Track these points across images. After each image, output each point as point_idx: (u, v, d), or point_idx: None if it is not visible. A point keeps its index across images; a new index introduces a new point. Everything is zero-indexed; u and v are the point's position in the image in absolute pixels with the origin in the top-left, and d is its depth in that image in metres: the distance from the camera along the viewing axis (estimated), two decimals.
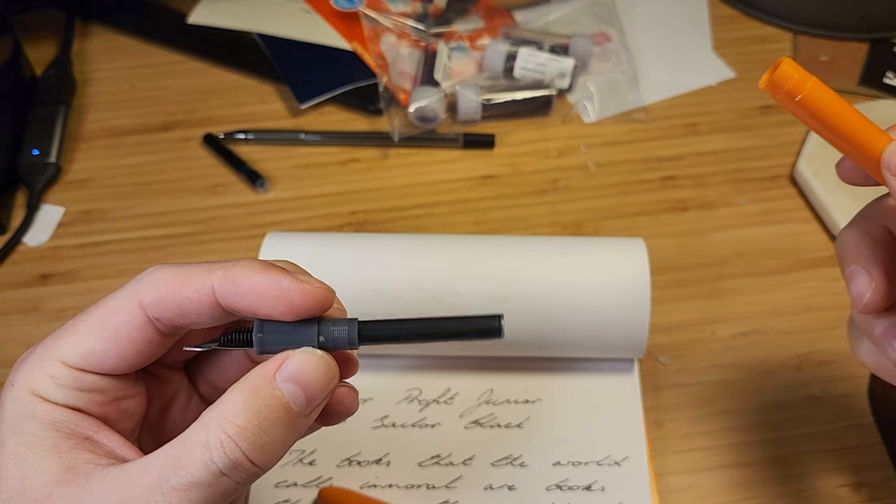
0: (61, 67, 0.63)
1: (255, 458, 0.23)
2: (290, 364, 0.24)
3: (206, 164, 0.59)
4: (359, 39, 0.65)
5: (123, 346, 0.25)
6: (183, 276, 0.25)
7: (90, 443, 0.25)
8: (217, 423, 0.23)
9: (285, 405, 0.23)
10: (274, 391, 0.23)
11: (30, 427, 0.24)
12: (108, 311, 0.25)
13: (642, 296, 0.42)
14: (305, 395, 0.24)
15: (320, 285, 0.26)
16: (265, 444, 0.23)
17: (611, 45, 0.65)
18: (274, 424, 0.23)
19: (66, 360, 0.25)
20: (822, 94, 0.27)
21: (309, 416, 0.24)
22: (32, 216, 0.55)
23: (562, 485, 0.42)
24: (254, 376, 0.24)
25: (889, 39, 0.67)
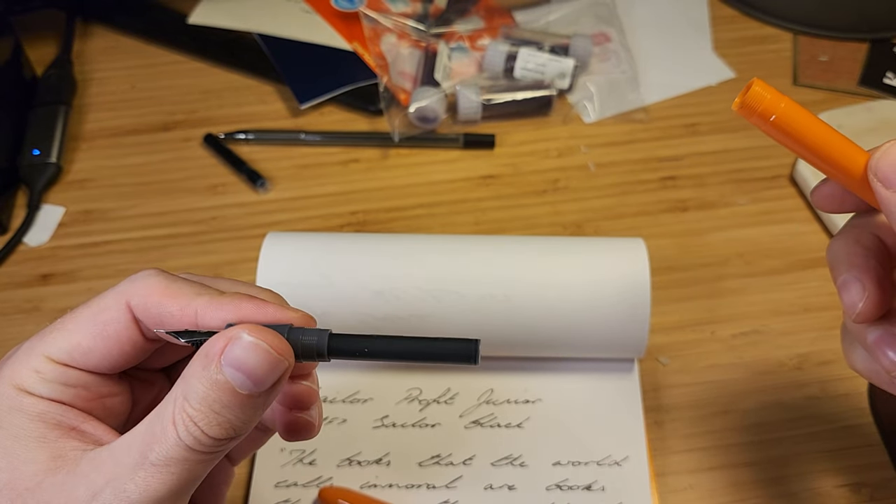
0: (62, 67, 0.64)
1: (216, 434, 0.23)
2: (232, 349, 0.24)
3: (207, 164, 0.59)
4: (359, 40, 0.65)
5: (110, 344, 0.26)
6: (172, 291, 0.26)
7: (77, 432, 0.25)
8: (179, 402, 0.24)
9: (230, 389, 0.24)
10: (218, 375, 0.24)
11: (16, 420, 0.25)
12: (97, 308, 0.26)
13: (642, 296, 0.42)
14: (251, 379, 0.24)
15: (303, 315, 0.26)
16: (222, 422, 0.23)
17: (611, 45, 0.66)
18: (225, 406, 0.23)
19: (52, 355, 0.25)
20: (796, 114, 0.27)
21: (265, 394, 0.24)
22: (33, 216, 0.55)
23: (562, 485, 0.42)
24: (202, 356, 0.24)
25: (889, 39, 0.67)
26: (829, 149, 0.27)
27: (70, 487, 0.24)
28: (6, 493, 0.24)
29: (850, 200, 0.29)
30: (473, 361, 0.25)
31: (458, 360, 0.25)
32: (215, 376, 0.23)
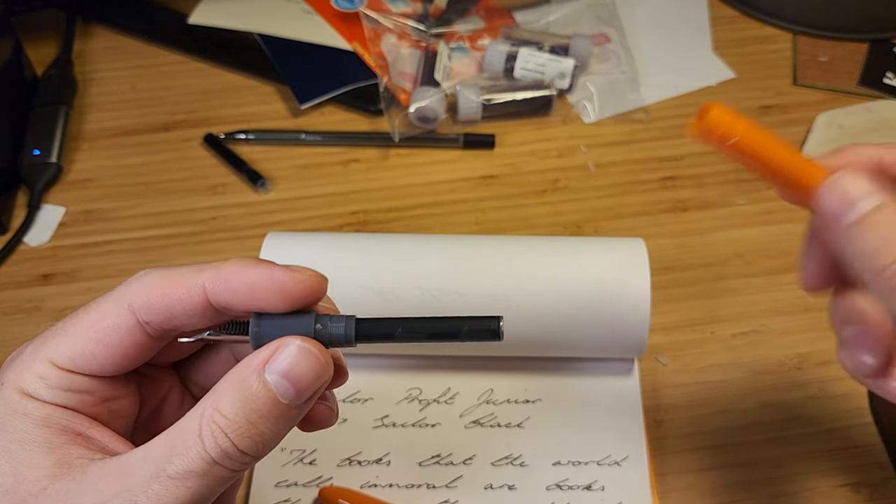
0: (62, 68, 0.64)
1: (246, 447, 0.23)
2: (280, 356, 0.23)
3: (207, 165, 0.59)
4: (359, 40, 0.65)
5: (112, 350, 0.25)
6: (173, 278, 0.25)
7: (83, 438, 0.25)
8: (209, 413, 0.23)
9: (273, 398, 0.23)
10: (263, 383, 0.23)
11: (21, 424, 0.24)
12: (97, 314, 0.26)
13: (642, 296, 0.42)
14: (294, 388, 0.23)
15: (312, 273, 0.25)
16: (254, 434, 0.23)
17: (611, 45, 0.66)
18: (262, 417, 0.23)
19: (56, 360, 0.25)
20: (755, 136, 0.28)
21: (301, 407, 0.24)
22: (33, 216, 0.55)
23: (562, 484, 0.43)
24: (243, 366, 0.24)
25: (889, 40, 0.67)
26: (788, 168, 0.29)
27: (76, 495, 0.23)
28: (9, 498, 0.23)
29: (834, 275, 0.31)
30: (497, 337, 0.26)
31: (482, 338, 0.26)
32: (256, 385, 0.23)
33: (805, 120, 0.60)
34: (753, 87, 0.63)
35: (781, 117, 0.61)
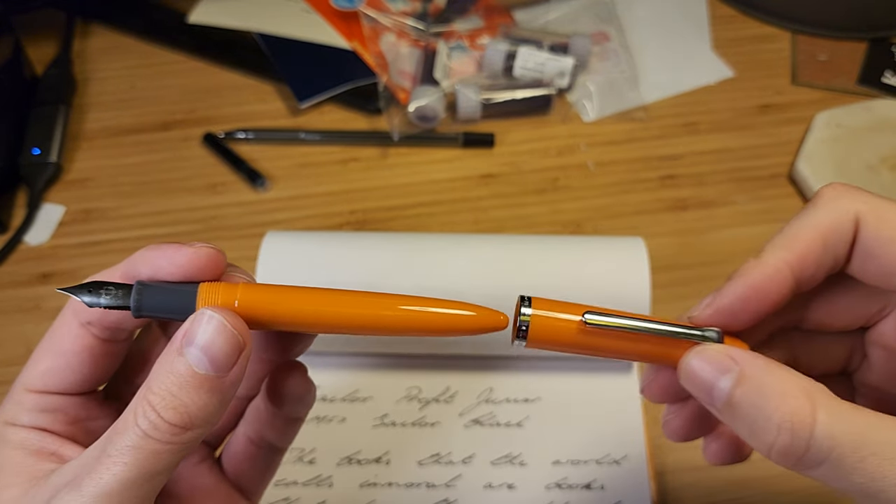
0: (62, 67, 0.64)
1: (170, 418, 0.23)
2: (190, 329, 0.24)
3: (207, 164, 0.59)
4: (358, 39, 0.65)
5: (68, 359, 0.26)
6: (101, 275, 0.26)
7: (55, 456, 0.26)
8: (142, 392, 0.24)
9: (189, 369, 0.24)
10: (177, 357, 0.24)
11: (2, 452, 0.26)
12: (51, 331, 0.27)
13: (642, 295, 0.42)
14: (207, 356, 0.24)
15: (207, 246, 0.26)
16: (177, 406, 0.23)
17: (610, 44, 0.66)
18: (183, 388, 0.24)
19: (27, 384, 0.26)
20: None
21: (225, 379, 0.24)
22: (33, 215, 0.55)
23: (561, 483, 0.43)
24: (168, 344, 0.24)
25: (887, 39, 0.67)
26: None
27: (33, 495, 0.24)
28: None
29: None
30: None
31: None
32: (175, 358, 0.24)
33: (804, 119, 0.60)
34: (752, 86, 0.63)
35: (780, 116, 0.61)
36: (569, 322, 0.25)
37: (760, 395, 0.23)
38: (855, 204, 0.26)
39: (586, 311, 0.25)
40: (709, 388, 0.24)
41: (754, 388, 0.23)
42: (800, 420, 0.22)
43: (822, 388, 0.23)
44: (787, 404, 0.22)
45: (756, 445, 0.23)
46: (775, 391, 0.23)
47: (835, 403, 0.22)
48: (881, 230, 0.25)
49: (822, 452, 0.22)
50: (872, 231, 0.25)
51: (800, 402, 0.22)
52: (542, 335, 0.25)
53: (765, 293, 0.25)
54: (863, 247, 0.25)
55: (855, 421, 0.22)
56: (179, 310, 0.25)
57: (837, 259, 0.26)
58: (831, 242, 0.25)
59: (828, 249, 0.26)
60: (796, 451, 0.22)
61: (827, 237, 0.25)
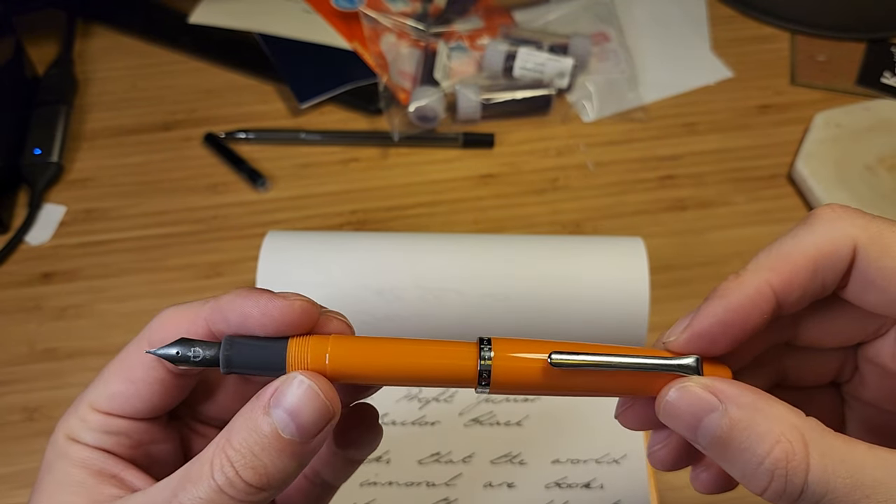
0: (63, 67, 0.64)
1: (249, 478, 0.23)
2: (283, 390, 0.24)
3: (207, 164, 0.59)
4: (359, 39, 0.65)
5: (138, 387, 0.26)
6: (182, 312, 0.26)
7: (116, 479, 0.26)
8: (221, 444, 0.24)
9: (275, 432, 0.23)
10: (263, 416, 0.23)
11: (61, 466, 0.25)
12: (125, 354, 0.27)
13: (641, 295, 0.42)
14: (295, 423, 0.23)
15: (301, 299, 0.25)
16: (257, 466, 0.23)
17: (610, 44, 0.66)
18: (265, 450, 0.23)
19: (94, 403, 0.26)
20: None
21: (307, 443, 0.24)
22: (34, 215, 0.55)
23: (561, 482, 0.43)
24: (254, 399, 0.24)
25: (886, 39, 0.67)
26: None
27: None
28: None
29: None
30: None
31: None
32: (260, 416, 0.23)
33: (803, 119, 0.60)
34: (752, 87, 0.63)
35: (779, 117, 0.61)
36: (534, 363, 0.24)
37: (750, 436, 0.22)
38: (854, 229, 0.24)
39: (552, 350, 0.23)
40: (692, 428, 0.23)
41: (743, 429, 0.22)
42: (793, 466, 0.21)
43: (814, 424, 0.22)
44: (779, 448, 0.21)
45: (748, 486, 0.22)
46: (766, 433, 0.22)
47: (828, 441, 0.21)
48: (883, 260, 0.23)
49: (816, 496, 0.21)
50: (874, 261, 0.23)
51: (793, 444, 0.21)
52: (506, 380, 0.24)
53: (745, 316, 0.24)
54: (862, 275, 0.24)
55: (848, 460, 0.21)
56: (269, 366, 0.24)
57: (827, 285, 0.24)
58: (823, 268, 0.24)
59: (817, 275, 0.24)
60: (791, 496, 0.21)
61: (819, 262, 0.24)
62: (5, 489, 0.44)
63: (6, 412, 0.46)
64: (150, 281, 0.52)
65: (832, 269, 0.24)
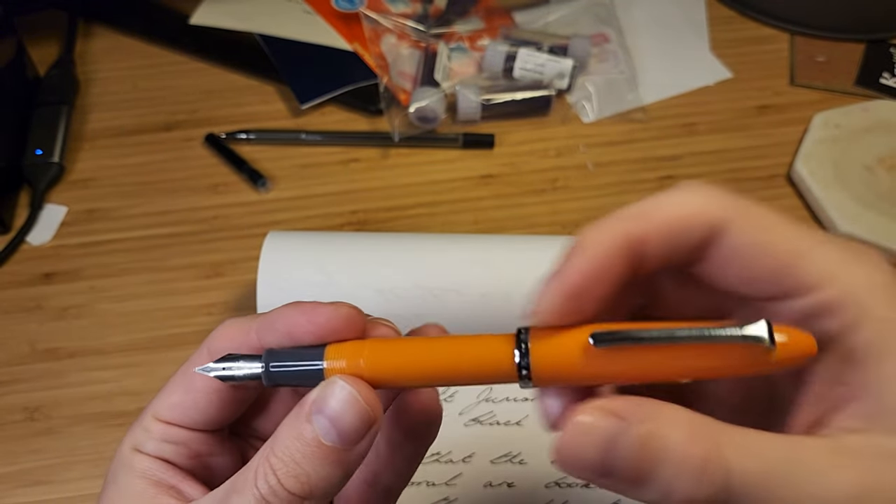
0: (64, 68, 0.64)
1: (291, 487, 0.23)
2: (324, 397, 0.23)
3: (208, 164, 0.59)
4: (359, 40, 0.65)
5: (197, 398, 0.26)
6: (239, 324, 0.26)
7: (175, 490, 0.26)
8: (266, 453, 0.24)
9: (316, 440, 0.23)
10: (305, 424, 0.23)
11: (125, 477, 0.26)
12: (187, 365, 0.27)
13: None
14: (336, 428, 0.23)
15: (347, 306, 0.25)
16: (299, 475, 0.23)
17: (609, 45, 0.66)
18: (307, 458, 0.23)
19: (157, 413, 0.27)
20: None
21: (351, 450, 0.24)
22: (36, 215, 0.55)
23: (561, 482, 0.43)
24: (298, 407, 0.24)
25: (886, 40, 0.67)
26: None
27: None
28: None
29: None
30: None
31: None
32: (302, 424, 0.23)
33: (802, 120, 0.60)
34: (751, 87, 0.64)
35: (778, 117, 0.61)
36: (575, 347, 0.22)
37: (664, 452, 0.20)
38: (718, 201, 0.23)
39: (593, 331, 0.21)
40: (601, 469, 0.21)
41: (656, 448, 0.20)
42: (713, 469, 0.20)
43: (718, 423, 0.21)
44: (695, 450, 0.20)
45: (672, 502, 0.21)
46: (678, 443, 0.20)
47: (736, 435, 0.21)
48: (748, 234, 0.22)
49: (735, 490, 0.20)
50: (737, 235, 0.22)
51: (706, 443, 0.20)
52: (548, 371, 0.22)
53: (608, 266, 0.22)
54: (723, 249, 0.23)
55: (758, 449, 0.20)
56: (308, 374, 0.24)
57: (683, 251, 0.23)
58: (683, 230, 0.22)
59: (676, 237, 0.23)
60: (716, 495, 0.20)
61: (679, 224, 0.22)
62: (6, 489, 0.44)
63: (7, 412, 0.47)
64: (151, 281, 0.52)
65: (691, 234, 0.22)
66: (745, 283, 0.23)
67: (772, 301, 0.23)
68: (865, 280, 0.22)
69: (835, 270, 0.22)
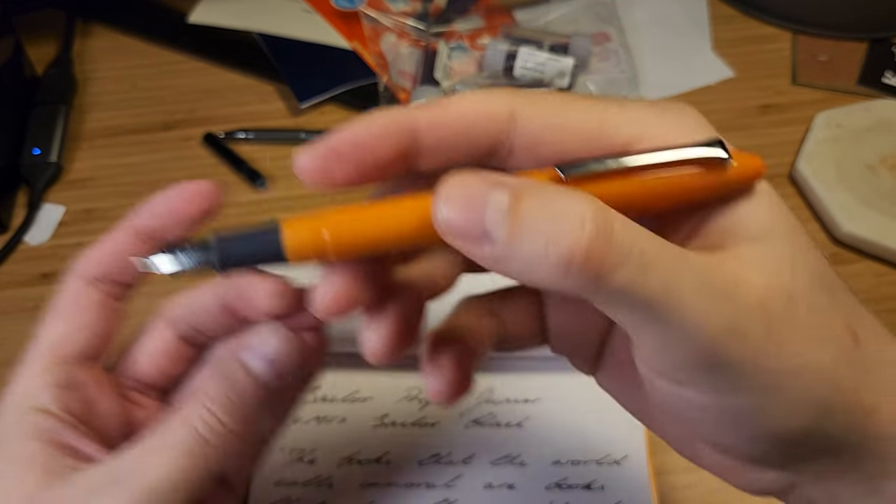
0: (62, 67, 0.64)
1: (228, 422, 0.24)
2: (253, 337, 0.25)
3: (207, 164, 0.59)
4: (359, 39, 0.65)
5: (82, 318, 0.27)
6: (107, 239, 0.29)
7: (72, 450, 0.25)
8: (199, 394, 0.24)
9: (249, 377, 0.25)
10: (239, 364, 0.25)
11: (14, 441, 0.25)
12: (58, 297, 0.28)
13: None
14: (272, 367, 0.25)
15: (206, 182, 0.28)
16: (235, 411, 0.24)
17: (610, 44, 0.66)
18: (241, 395, 0.25)
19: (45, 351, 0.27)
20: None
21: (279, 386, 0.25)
22: (33, 215, 0.55)
23: (561, 483, 0.43)
24: (221, 349, 0.25)
25: (888, 39, 0.67)
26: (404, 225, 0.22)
27: (56, 496, 0.24)
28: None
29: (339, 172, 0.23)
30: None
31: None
32: (236, 365, 0.24)
33: (804, 119, 0.60)
34: (753, 87, 0.63)
35: (780, 116, 0.61)
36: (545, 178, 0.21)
37: (551, 201, 0.19)
38: (509, 96, 0.22)
39: (556, 164, 0.21)
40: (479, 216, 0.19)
41: (540, 199, 0.19)
42: (601, 215, 0.19)
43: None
44: (583, 204, 0.19)
45: (550, 263, 0.18)
46: (566, 196, 0.19)
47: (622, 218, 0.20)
48: (540, 116, 0.22)
49: (623, 250, 0.19)
50: (531, 120, 0.22)
51: (598, 205, 0.19)
52: None
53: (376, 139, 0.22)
54: (522, 139, 0.22)
55: (645, 234, 0.20)
56: (266, 254, 0.22)
57: (474, 146, 0.22)
58: (474, 125, 0.22)
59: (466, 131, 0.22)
60: (600, 247, 0.18)
61: (470, 118, 0.22)
62: None
63: None
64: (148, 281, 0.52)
65: (484, 129, 0.22)
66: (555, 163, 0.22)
67: None
68: (677, 126, 0.23)
69: (642, 128, 0.22)
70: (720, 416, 0.22)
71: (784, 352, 0.20)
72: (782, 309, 0.21)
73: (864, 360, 0.22)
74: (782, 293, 0.21)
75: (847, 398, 0.21)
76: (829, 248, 0.53)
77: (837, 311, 0.22)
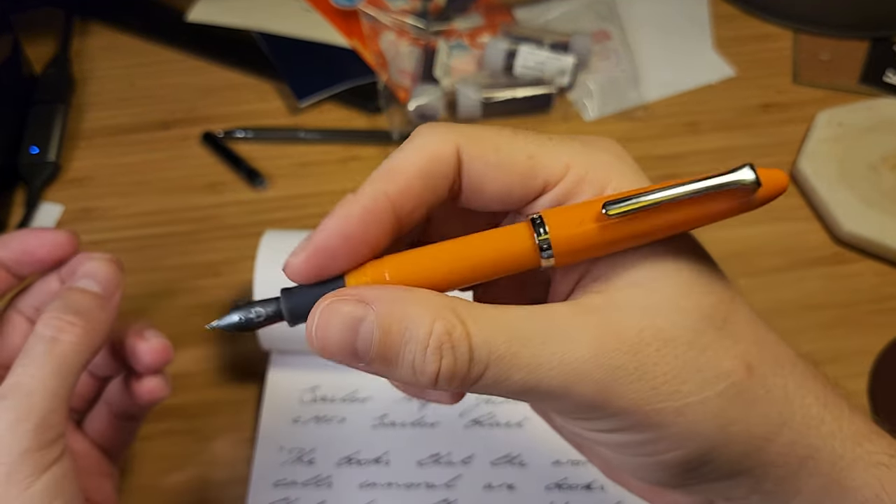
0: (60, 66, 0.63)
1: (73, 319, 0.30)
2: (78, 268, 0.33)
3: (205, 163, 0.59)
4: (358, 37, 0.65)
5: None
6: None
7: None
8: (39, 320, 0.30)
9: (79, 290, 0.32)
10: (68, 288, 0.32)
11: None
12: None
13: None
14: (96, 280, 0.33)
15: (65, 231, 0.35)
16: (75, 310, 0.31)
17: (611, 43, 0.65)
18: (76, 301, 0.31)
19: None
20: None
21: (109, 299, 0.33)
22: (31, 214, 0.55)
23: (561, 483, 0.42)
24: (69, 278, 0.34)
25: (889, 38, 0.66)
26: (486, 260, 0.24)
27: None
28: None
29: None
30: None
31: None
32: (66, 289, 0.32)
33: (805, 118, 0.60)
34: (754, 86, 0.63)
35: (782, 115, 0.61)
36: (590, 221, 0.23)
37: (408, 326, 0.21)
38: (453, 135, 0.24)
39: (604, 201, 0.23)
40: (350, 349, 0.22)
41: (399, 321, 0.21)
42: (456, 337, 0.21)
43: (459, 299, 0.22)
44: (439, 324, 0.21)
45: (424, 381, 0.22)
46: (421, 315, 0.21)
47: (479, 310, 0.22)
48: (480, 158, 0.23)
49: (483, 361, 0.21)
50: (473, 162, 0.24)
51: (448, 318, 0.21)
52: (568, 245, 0.23)
53: (364, 227, 0.23)
54: (471, 174, 0.24)
55: (501, 319, 0.22)
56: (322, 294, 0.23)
57: (440, 191, 0.24)
58: (433, 173, 0.23)
59: (429, 181, 0.23)
60: (461, 367, 0.21)
61: (428, 168, 0.23)
62: None
63: None
64: (147, 281, 0.52)
65: (441, 173, 0.23)
66: (498, 200, 0.24)
67: (530, 204, 0.24)
68: (602, 158, 0.24)
69: (570, 159, 0.24)
70: (620, 449, 0.24)
71: (662, 392, 0.22)
72: (655, 352, 0.22)
73: (758, 390, 0.22)
74: (657, 337, 0.22)
75: (738, 429, 0.22)
76: (831, 248, 0.53)
77: (728, 346, 0.23)
